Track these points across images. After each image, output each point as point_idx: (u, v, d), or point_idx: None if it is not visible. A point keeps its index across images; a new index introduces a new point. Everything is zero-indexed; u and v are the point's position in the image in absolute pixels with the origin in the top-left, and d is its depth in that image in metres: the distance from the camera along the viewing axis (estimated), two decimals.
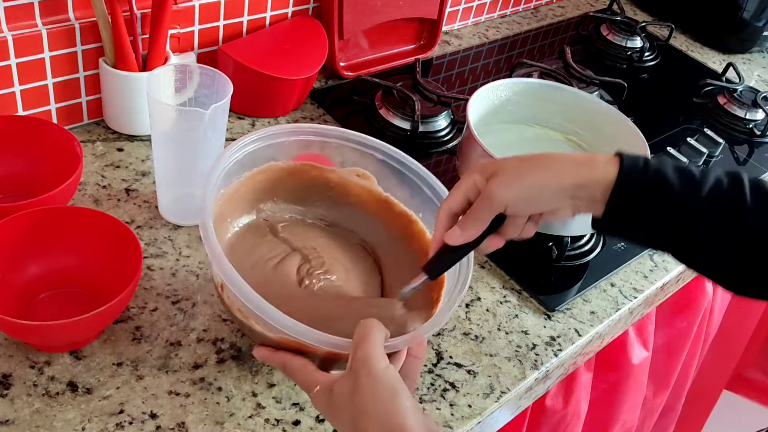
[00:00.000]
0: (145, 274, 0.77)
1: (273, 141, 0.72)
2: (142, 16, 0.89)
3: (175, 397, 0.67)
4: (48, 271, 0.72)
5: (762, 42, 1.47)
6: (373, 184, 0.77)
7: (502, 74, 1.25)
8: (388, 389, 0.54)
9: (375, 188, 0.77)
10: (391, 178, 0.76)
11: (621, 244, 0.95)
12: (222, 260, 0.59)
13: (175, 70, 0.79)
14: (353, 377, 0.55)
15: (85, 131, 0.94)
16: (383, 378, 0.54)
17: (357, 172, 0.77)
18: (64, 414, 0.64)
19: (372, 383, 0.54)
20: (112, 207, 0.84)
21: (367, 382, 0.54)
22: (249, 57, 0.98)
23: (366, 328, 0.57)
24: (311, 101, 1.08)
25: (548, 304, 0.85)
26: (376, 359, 0.55)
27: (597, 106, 0.97)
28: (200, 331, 0.73)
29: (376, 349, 0.55)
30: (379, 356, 0.55)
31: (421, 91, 1.10)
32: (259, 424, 0.67)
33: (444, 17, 1.21)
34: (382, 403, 0.53)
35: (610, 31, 1.40)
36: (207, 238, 0.60)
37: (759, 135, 1.22)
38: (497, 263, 0.89)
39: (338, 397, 0.56)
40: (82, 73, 0.90)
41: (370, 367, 0.54)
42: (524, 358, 0.79)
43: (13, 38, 0.82)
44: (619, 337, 0.96)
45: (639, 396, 1.11)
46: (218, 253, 0.59)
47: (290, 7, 1.07)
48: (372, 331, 0.56)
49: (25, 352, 0.68)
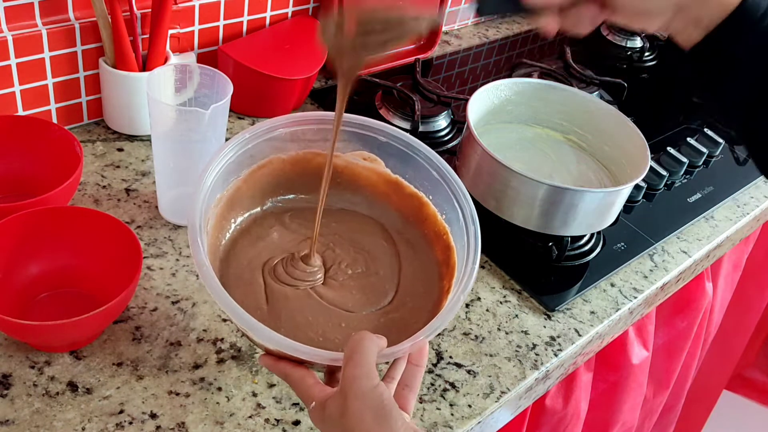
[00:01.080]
0: (145, 274, 0.77)
1: (269, 135, 0.70)
2: (142, 16, 0.89)
3: (175, 397, 0.67)
4: (48, 271, 0.72)
5: None
6: (381, 167, 0.74)
7: (502, 74, 1.25)
8: (376, 412, 0.51)
9: (384, 170, 0.74)
10: (395, 161, 0.73)
11: (621, 244, 0.95)
12: (211, 279, 0.57)
13: (175, 70, 0.79)
14: (342, 397, 0.53)
15: (85, 131, 0.94)
16: (370, 399, 0.52)
17: (363, 155, 0.74)
18: (64, 414, 0.64)
19: (359, 406, 0.52)
20: (112, 207, 0.84)
21: (355, 405, 0.52)
22: (249, 57, 0.98)
23: (356, 343, 0.54)
24: (311, 101, 1.08)
25: (548, 304, 0.85)
26: (364, 379, 0.52)
27: (597, 106, 0.97)
28: (200, 331, 0.73)
29: (364, 368, 0.53)
30: (368, 375, 0.53)
31: (421, 91, 1.10)
32: (259, 424, 0.67)
33: (444, 17, 1.21)
34: (368, 426, 0.51)
35: (610, 31, 1.40)
36: (195, 252, 0.58)
37: None
38: (497, 263, 0.89)
39: (329, 417, 0.54)
40: (82, 73, 0.90)
41: (357, 388, 0.52)
42: (524, 358, 0.79)
43: (13, 38, 0.82)
44: (619, 337, 0.96)
45: (639, 396, 1.11)
46: (206, 270, 0.57)
47: (290, 7, 1.07)
48: (361, 347, 0.54)
49: (25, 352, 0.68)
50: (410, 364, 0.59)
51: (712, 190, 1.07)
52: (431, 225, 0.73)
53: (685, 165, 1.07)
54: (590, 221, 0.87)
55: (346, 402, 0.52)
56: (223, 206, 0.69)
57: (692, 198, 1.05)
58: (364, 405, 0.52)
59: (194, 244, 0.59)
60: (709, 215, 1.04)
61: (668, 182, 1.06)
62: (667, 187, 1.06)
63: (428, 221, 0.73)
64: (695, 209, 1.03)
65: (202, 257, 0.58)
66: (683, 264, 0.95)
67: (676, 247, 0.98)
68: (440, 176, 0.71)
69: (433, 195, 0.72)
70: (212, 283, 0.57)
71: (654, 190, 1.04)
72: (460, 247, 0.68)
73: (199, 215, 0.61)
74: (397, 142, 0.73)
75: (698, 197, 1.06)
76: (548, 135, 1.00)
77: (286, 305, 0.66)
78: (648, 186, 1.02)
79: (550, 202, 0.84)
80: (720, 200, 1.06)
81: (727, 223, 1.04)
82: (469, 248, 0.66)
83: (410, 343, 0.58)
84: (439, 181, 0.71)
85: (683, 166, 1.07)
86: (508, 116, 0.99)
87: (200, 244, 0.59)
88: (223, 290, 0.57)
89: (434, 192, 0.72)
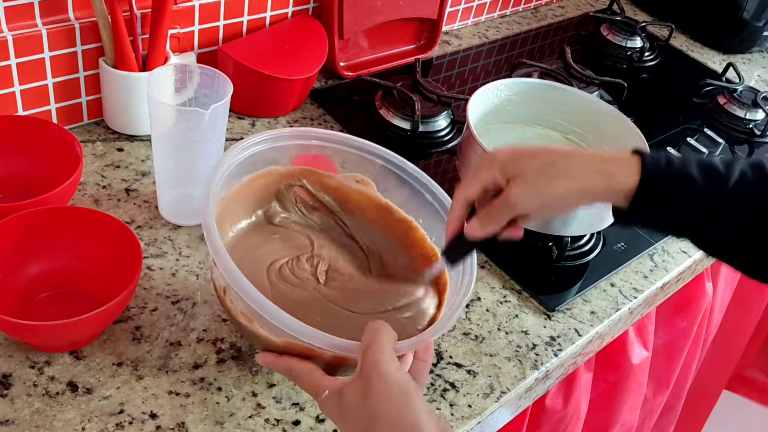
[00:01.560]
0: (145, 274, 0.77)
1: (274, 144, 0.72)
2: (142, 16, 0.89)
3: (175, 397, 0.67)
4: (48, 271, 0.72)
5: (762, 42, 1.47)
6: (373, 191, 0.76)
7: (502, 74, 1.25)
8: (401, 392, 0.53)
9: (375, 194, 0.76)
10: (391, 182, 0.76)
11: (621, 244, 0.95)
12: (227, 262, 0.58)
13: (175, 70, 0.79)
14: (364, 381, 0.54)
15: (85, 131, 0.94)
16: (395, 380, 0.54)
17: (356, 177, 0.76)
18: (64, 414, 0.64)
19: (384, 386, 0.54)
20: (112, 207, 0.84)
21: (379, 386, 0.54)
22: (249, 57, 0.98)
23: (374, 331, 0.56)
24: (311, 101, 1.08)
25: (548, 304, 0.85)
26: (387, 362, 0.54)
27: (597, 106, 0.97)
28: (200, 331, 0.73)
29: (386, 352, 0.55)
30: (390, 359, 0.55)
31: (421, 91, 1.10)
32: (259, 424, 0.67)
33: (444, 17, 1.21)
34: (395, 407, 0.53)
35: (610, 31, 1.40)
36: (210, 239, 0.60)
37: (759, 135, 1.22)
38: (497, 263, 0.89)
39: (349, 402, 0.55)
40: (82, 73, 0.90)
41: (381, 371, 0.54)
42: (524, 358, 0.79)
43: (13, 38, 0.82)
44: (619, 337, 0.96)
45: (639, 396, 1.11)
46: (223, 254, 0.59)
47: (290, 7, 1.07)
48: (381, 334, 0.56)
49: (25, 352, 0.68)
50: (417, 360, 0.61)
51: None
52: (419, 248, 0.75)
53: None
54: (590, 221, 0.87)
55: (370, 384, 0.54)
56: (223, 207, 0.70)
57: None
58: (389, 385, 0.53)
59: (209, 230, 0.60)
60: None
61: None
62: None
63: (416, 245, 0.75)
64: None
65: (218, 243, 0.59)
66: (683, 264, 0.95)
67: (676, 247, 0.98)
68: (434, 200, 0.73)
69: (424, 218, 0.75)
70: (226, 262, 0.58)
71: None
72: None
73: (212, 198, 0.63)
74: (392, 166, 0.75)
75: None
76: (548, 135, 1.00)
77: (293, 306, 0.67)
78: None
79: None
80: None
81: None
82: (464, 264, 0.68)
83: (418, 339, 0.60)
84: (433, 204, 0.74)
85: None
86: (508, 116, 0.99)
87: (215, 231, 0.60)
88: (239, 271, 0.58)
89: (425, 215, 0.75)
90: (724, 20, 1.45)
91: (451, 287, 0.69)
